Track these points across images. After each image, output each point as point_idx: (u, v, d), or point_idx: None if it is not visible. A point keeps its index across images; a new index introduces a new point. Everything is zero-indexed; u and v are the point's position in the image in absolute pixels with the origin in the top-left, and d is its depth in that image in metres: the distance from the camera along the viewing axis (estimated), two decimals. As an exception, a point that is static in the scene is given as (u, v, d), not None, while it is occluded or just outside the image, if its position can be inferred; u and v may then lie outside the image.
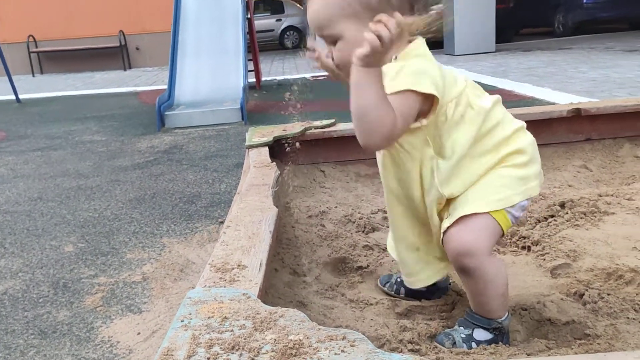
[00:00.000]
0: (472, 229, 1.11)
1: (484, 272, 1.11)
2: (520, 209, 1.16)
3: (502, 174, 1.14)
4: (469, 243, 1.10)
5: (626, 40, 9.19)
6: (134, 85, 8.41)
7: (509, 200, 1.12)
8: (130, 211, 2.56)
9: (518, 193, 1.13)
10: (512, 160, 1.15)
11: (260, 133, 2.18)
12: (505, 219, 1.13)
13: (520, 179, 1.14)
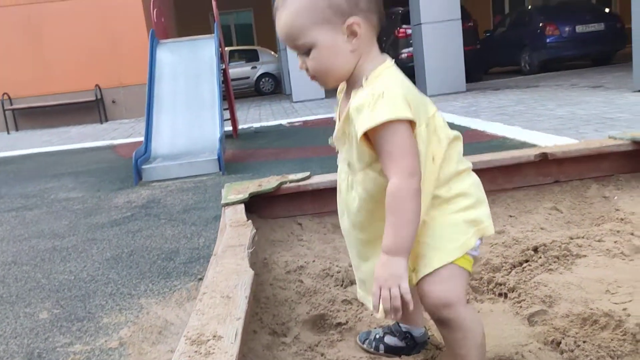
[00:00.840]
0: (442, 281, 1.13)
1: (462, 321, 1.13)
2: (477, 248, 1.18)
3: (453, 221, 1.14)
4: (444, 295, 1.12)
5: (589, 76, 9.53)
6: (111, 139, 8.41)
7: (466, 245, 1.14)
8: (107, 271, 2.52)
9: (472, 235, 1.15)
10: (459, 204, 1.15)
11: (236, 190, 2.19)
12: (467, 261, 1.15)
13: (472, 221, 1.15)
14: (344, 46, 1.09)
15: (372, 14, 1.10)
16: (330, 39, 1.08)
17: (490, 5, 20.92)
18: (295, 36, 1.10)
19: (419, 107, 1.09)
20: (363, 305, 1.62)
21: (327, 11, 1.07)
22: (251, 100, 14.14)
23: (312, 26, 1.08)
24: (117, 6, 11.67)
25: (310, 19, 1.07)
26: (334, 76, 1.14)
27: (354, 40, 1.09)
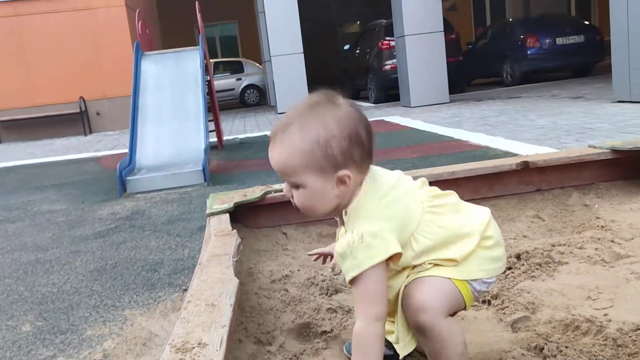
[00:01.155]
0: (429, 287, 1.15)
1: (438, 330, 1.13)
2: (483, 284, 1.21)
3: (475, 257, 1.20)
4: (423, 298, 1.13)
5: (570, 87, 9.68)
6: (95, 151, 8.35)
7: (472, 274, 1.18)
8: (91, 283, 2.50)
9: (482, 270, 1.19)
10: (483, 244, 1.21)
11: (221, 199, 2.19)
12: (466, 289, 1.18)
13: (489, 258, 1.21)
14: (331, 192, 1.14)
15: (364, 162, 1.15)
16: (320, 184, 1.12)
17: (472, 18, 21.20)
18: (287, 174, 1.14)
19: (406, 223, 1.16)
20: (348, 313, 1.63)
21: (322, 161, 1.10)
22: (236, 112, 14.15)
23: (305, 170, 1.11)
24: (102, 18, 11.65)
25: (304, 164, 1.11)
26: (316, 213, 1.18)
27: (341, 188, 1.14)
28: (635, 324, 1.41)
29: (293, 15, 10.70)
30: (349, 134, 1.11)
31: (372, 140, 1.17)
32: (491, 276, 1.23)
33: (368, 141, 1.15)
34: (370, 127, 1.17)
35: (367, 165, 1.17)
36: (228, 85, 16.75)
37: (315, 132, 1.09)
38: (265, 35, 12.40)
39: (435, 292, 1.14)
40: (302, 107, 1.14)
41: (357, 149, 1.12)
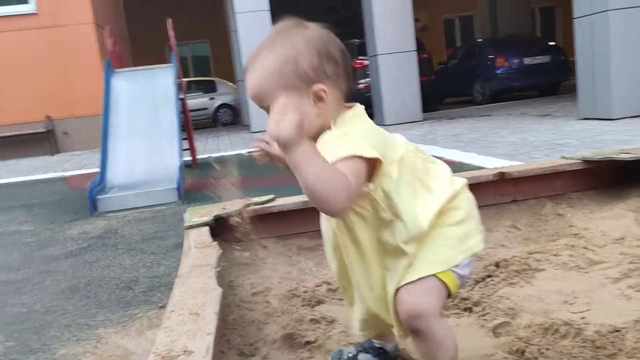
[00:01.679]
0: (420, 292, 1.14)
1: (434, 333, 1.14)
2: (466, 267, 1.19)
3: (443, 234, 1.16)
4: (418, 305, 1.13)
5: (538, 106, 9.94)
6: (63, 170, 8.19)
7: (452, 260, 1.15)
8: (63, 303, 2.43)
9: (461, 251, 1.16)
10: (450, 218, 1.17)
11: (200, 213, 2.17)
12: (451, 278, 1.16)
13: (462, 237, 1.17)
14: (310, 111, 1.12)
15: (339, 79, 1.15)
16: (297, 104, 1.10)
17: (443, 38, 21.68)
18: (263, 98, 1.13)
19: (388, 146, 1.14)
20: (332, 324, 1.62)
21: (293, 79, 1.10)
22: (209, 131, 14.08)
23: (279, 90, 1.10)
24: (69, 36, 11.49)
25: (277, 84, 1.11)
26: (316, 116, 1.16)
27: (320, 104, 1.13)
28: (612, 326, 1.44)
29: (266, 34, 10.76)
30: (318, 51, 1.12)
31: (347, 59, 1.17)
32: (472, 253, 1.19)
33: (342, 59, 1.15)
34: (343, 47, 1.17)
35: (344, 84, 1.16)
36: (201, 105, 16.69)
37: (284, 52, 1.11)
38: (238, 54, 12.43)
39: (426, 296, 1.14)
40: (271, 34, 1.17)
41: (329, 64, 1.13)
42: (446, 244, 1.16)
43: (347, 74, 1.17)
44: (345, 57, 1.16)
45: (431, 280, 1.15)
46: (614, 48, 6.52)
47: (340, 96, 1.17)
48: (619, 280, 1.72)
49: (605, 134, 5.58)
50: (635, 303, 1.56)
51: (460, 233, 1.17)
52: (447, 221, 1.17)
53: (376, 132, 1.14)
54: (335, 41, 1.16)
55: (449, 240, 1.16)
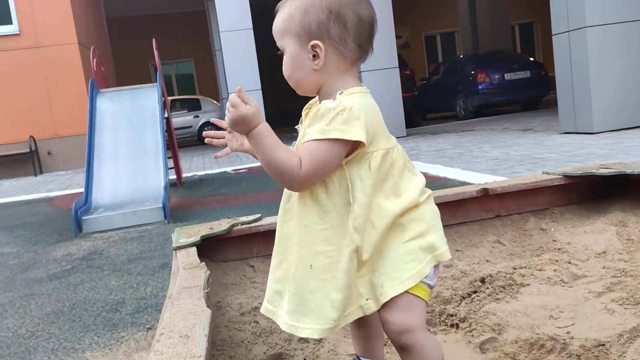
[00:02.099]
0: (400, 309, 1.16)
1: (421, 347, 1.16)
2: (434, 276, 1.20)
3: (408, 248, 1.17)
4: (403, 322, 1.15)
5: (520, 120, 10.08)
6: (47, 191, 8.10)
7: (421, 274, 1.17)
8: (48, 326, 2.41)
9: (427, 262, 1.18)
10: (414, 230, 1.18)
11: (187, 233, 2.17)
12: (423, 290, 1.18)
13: (427, 248, 1.18)
14: (306, 63, 1.17)
15: (344, 45, 1.16)
16: (296, 51, 1.17)
17: (425, 54, 21.96)
18: (276, 37, 1.21)
19: (380, 135, 1.16)
20: (320, 343, 1.62)
21: (298, 27, 1.16)
22: (194, 149, 14.05)
23: (286, 34, 1.18)
24: (53, 56, 11.45)
25: (285, 28, 1.18)
26: (297, 85, 1.22)
27: (316, 61, 1.16)
28: (597, 340, 1.46)
29: (250, 52, 10.83)
30: (330, 8, 1.14)
31: (363, 29, 1.16)
32: (438, 262, 1.20)
33: (356, 26, 1.15)
34: (365, 16, 1.16)
35: (353, 52, 1.17)
36: (186, 123, 16.67)
37: (302, 2, 1.16)
38: (222, 72, 12.47)
39: (409, 312, 1.15)
40: None
41: (336, 26, 1.14)
42: (412, 258, 1.17)
43: (358, 43, 1.17)
44: (361, 26, 1.16)
45: (407, 296, 1.16)
46: (592, 64, 6.66)
47: (345, 64, 1.18)
48: (602, 294, 1.75)
49: (586, 147, 5.68)
50: (618, 317, 1.59)
51: (425, 244, 1.18)
52: (408, 236, 1.18)
53: (375, 117, 1.16)
54: (359, 7, 1.16)
55: (414, 254, 1.17)
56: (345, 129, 1.09)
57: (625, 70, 6.73)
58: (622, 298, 1.70)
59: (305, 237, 1.17)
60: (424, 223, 1.19)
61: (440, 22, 21.19)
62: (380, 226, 1.16)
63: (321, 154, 1.09)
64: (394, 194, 1.18)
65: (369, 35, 1.19)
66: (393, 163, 1.18)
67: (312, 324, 1.16)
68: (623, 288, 1.77)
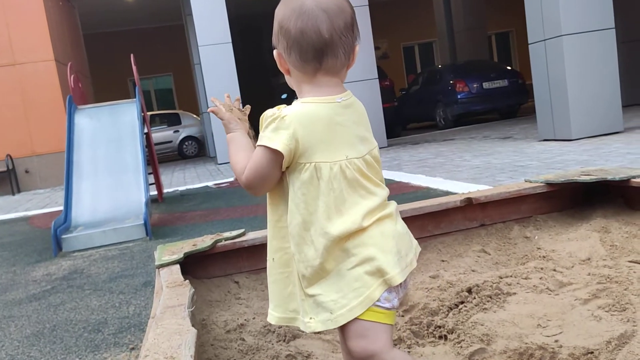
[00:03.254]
0: (360, 335, 1.13)
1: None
2: (391, 297, 1.16)
3: (355, 275, 1.14)
4: (365, 348, 1.13)
5: (499, 129, 10.20)
6: (25, 210, 7.96)
7: (369, 299, 1.13)
8: (28, 349, 2.34)
9: (377, 287, 1.14)
10: (359, 255, 1.15)
11: (170, 250, 2.14)
12: (377, 313, 1.14)
13: (374, 273, 1.14)
14: (282, 65, 1.24)
15: (287, 56, 1.18)
16: (276, 55, 1.23)
17: (403, 65, 22.15)
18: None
19: (316, 147, 1.14)
20: (308, 358, 1.60)
21: (276, 30, 1.21)
22: (175, 164, 13.94)
23: (275, 33, 1.22)
24: (29, 73, 11.31)
25: (274, 27, 1.22)
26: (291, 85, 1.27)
27: (283, 69, 1.23)
28: (585, 348, 1.46)
29: (230, 66, 10.82)
30: (279, 22, 1.18)
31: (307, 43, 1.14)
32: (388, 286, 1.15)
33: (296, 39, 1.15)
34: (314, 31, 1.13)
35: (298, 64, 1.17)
36: (166, 138, 16.54)
37: (277, 9, 1.21)
38: (202, 87, 12.43)
39: (365, 336, 1.13)
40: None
41: (282, 39, 1.18)
42: (359, 285, 1.14)
43: (300, 57, 1.16)
44: (302, 40, 1.14)
45: (360, 323, 1.13)
46: (569, 71, 6.77)
47: (302, 74, 1.19)
48: (588, 302, 1.76)
49: (565, 154, 5.75)
50: (605, 324, 1.59)
51: (372, 269, 1.14)
52: (354, 262, 1.15)
53: (312, 126, 1.13)
54: (304, 21, 1.14)
55: (361, 281, 1.14)
56: (272, 137, 1.13)
57: (602, 77, 6.86)
58: (608, 304, 1.70)
59: (271, 232, 1.26)
60: (371, 247, 1.15)
61: (418, 32, 21.43)
62: (319, 245, 1.14)
63: (256, 160, 1.18)
64: (337, 212, 1.15)
65: (316, 51, 1.15)
66: (333, 178, 1.14)
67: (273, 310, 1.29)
68: (609, 294, 1.77)
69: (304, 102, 1.17)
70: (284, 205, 1.20)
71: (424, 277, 2.13)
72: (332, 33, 1.14)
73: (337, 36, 1.15)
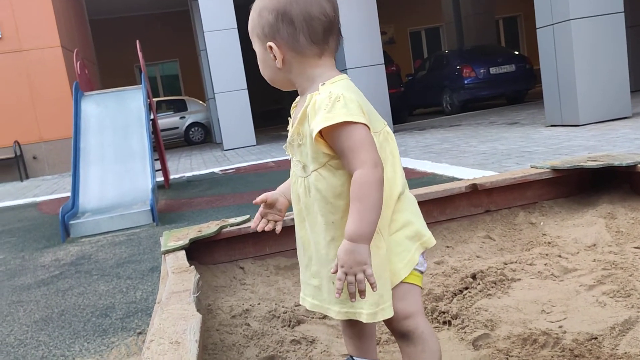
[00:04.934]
0: (399, 298, 1.18)
1: (421, 333, 1.18)
2: (424, 262, 1.23)
3: (397, 240, 1.19)
4: (404, 308, 1.18)
5: (506, 114, 10.13)
6: (33, 196, 8.01)
7: (412, 262, 1.19)
8: (37, 334, 2.37)
9: (416, 250, 1.20)
10: (398, 222, 1.19)
11: (176, 236, 2.15)
12: (415, 276, 1.20)
13: (413, 237, 1.20)
14: (271, 62, 1.21)
15: (295, 42, 1.16)
16: (261, 52, 1.22)
17: (410, 50, 21.99)
18: (249, 36, 1.24)
19: (374, 116, 1.18)
20: (313, 344, 1.61)
21: (257, 28, 1.20)
22: (181, 150, 13.97)
23: (252, 36, 1.22)
24: (36, 60, 11.33)
25: (251, 30, 1.22)
26: (271, 82, 1.26)
27: (277, 61, 1.19)
28: (589, 334, 1.47)
29: (235, 52, 10.78)
30: (277, 9, 1.16)
31: (316, 25, 1.15)
32: (425, 249, 1.23)
33: (305, 23, 1.15)
34: (320, 12, 1.15)
35: (308, 48, 1.17)
36: (172, 124, 16.56)
37: (260, 4, 1.19)
38: (208, 73, 12.40)
39: (406, 300, 1.18)
40: None
41: (284, 25, 1.16)
42: (402, 249, 1.19)
43: (311, 40, 1.16)
44: (311, 23, 1.15)
45: (402, 285, 1.19)
46: (577, 56, 6.70)
47: (309, 59, 1.18)
48: (593, 288, 1.76)
49: (572, 140, 5.71)
50: (609, 310, 1.59)
51: (411, 233, 1.20)
52: (395, 227, 1.19)
53: (365, 101, 1.17)
54: (307, 4, 1.15)
55: (404, 245, 1.19)
56: (349, 112, 1.09)
57: (610, 61, 6.78)
58: (613, 291, 1.70)
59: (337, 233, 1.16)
60: (407, 212, 1.21)
61: (425, 17, 21.23)
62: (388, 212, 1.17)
63: (360, 136, 1.08)
64: (401, 176, 1.21)
65: (325, 31, 1.17)
66: (390, 144, 1.21)
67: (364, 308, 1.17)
68: (614, 280, 1.77)
69: (338, 80, 1.17)
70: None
71: (429, 263, 2.13)
72: (335, 12, 1.18)
73: (338, 15, 1.19)
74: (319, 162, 1.16)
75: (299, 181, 1.23)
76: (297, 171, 1.24)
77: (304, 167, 1.20)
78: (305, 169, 1.20)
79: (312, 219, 1.21)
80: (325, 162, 1.15)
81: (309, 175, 1.18)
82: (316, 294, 1.25)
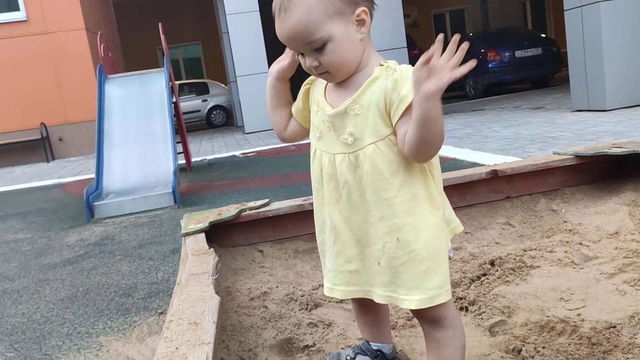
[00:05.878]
0: None
1: (451, 318, 1.18)
2: (451, 248, 1.23)
3: (433, 222, 1.15)
4: None
5: (531, 99, 9.96)
6: (59, 177, 8.17)
7: (446, 247, 1.18)
8: (62, 312, 2.44)
9: (447, 236, 1.20)
10: (431, 203, 1.16)
11: (196, 219, 2.18)
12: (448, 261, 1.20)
13: (445, 222, 1.19)
14: (355, 36, 1.12)
15: (371, 3, 1.15)
16: (344, 30, 1.10)
17: (433, 33, 21.70)
18: (310, 32, 1.09)
19: None
20: (329, 327, 1.63)
21: (338, 3, 1.09)
22: (203, 133, 14.07)
23: (326, 19, 1.08)
24: (62, 43, 11.47)
25: (323, 13, 1.08)
26: (347, 67, 1.14)
27: (362, 29, 1.12)
28: (607, 322, 1.45)
29: (257, 35, 10.77)
30: None
31: None
32: (454, 234, 1.25)
33: None
34: None
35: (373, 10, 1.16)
36: (194, 107, 16.67)
37: None
38: (230, 56, 12.42)
39: None
40: None
41: None
42: (440, 230, 1.18)
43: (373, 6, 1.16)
44: None
45: None
46: (605, 39, 6.54)
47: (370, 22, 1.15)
48: (613, 276, 1.74)
49: (599, 125, 5.60)
50: (629, 298, 1.57)
51: (444, 219, 1.20)
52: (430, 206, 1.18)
53: None
54: None
55: (441, 227, 1.18)
56: None
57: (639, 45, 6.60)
58: (633, 279, 1.68)
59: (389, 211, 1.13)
60: (437, 198, 1.18)
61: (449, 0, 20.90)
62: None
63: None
64: None
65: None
66: None
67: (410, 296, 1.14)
68: (635, 269, 1.75)
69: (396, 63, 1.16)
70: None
71: (447, 248, 2.13)
72: None
73: None
74: (379, 134, 1.11)
75: (338, 158, 1.16)
76: (336, 148, 1.17)
77: (355, 140, 1.13)
78: (356, 142, 1.13)
79: (357, 197, 1.15)
80: (386, 136, 1.11)
81: (364, 147, 1.12)
82: (352, 279, 1.20)
